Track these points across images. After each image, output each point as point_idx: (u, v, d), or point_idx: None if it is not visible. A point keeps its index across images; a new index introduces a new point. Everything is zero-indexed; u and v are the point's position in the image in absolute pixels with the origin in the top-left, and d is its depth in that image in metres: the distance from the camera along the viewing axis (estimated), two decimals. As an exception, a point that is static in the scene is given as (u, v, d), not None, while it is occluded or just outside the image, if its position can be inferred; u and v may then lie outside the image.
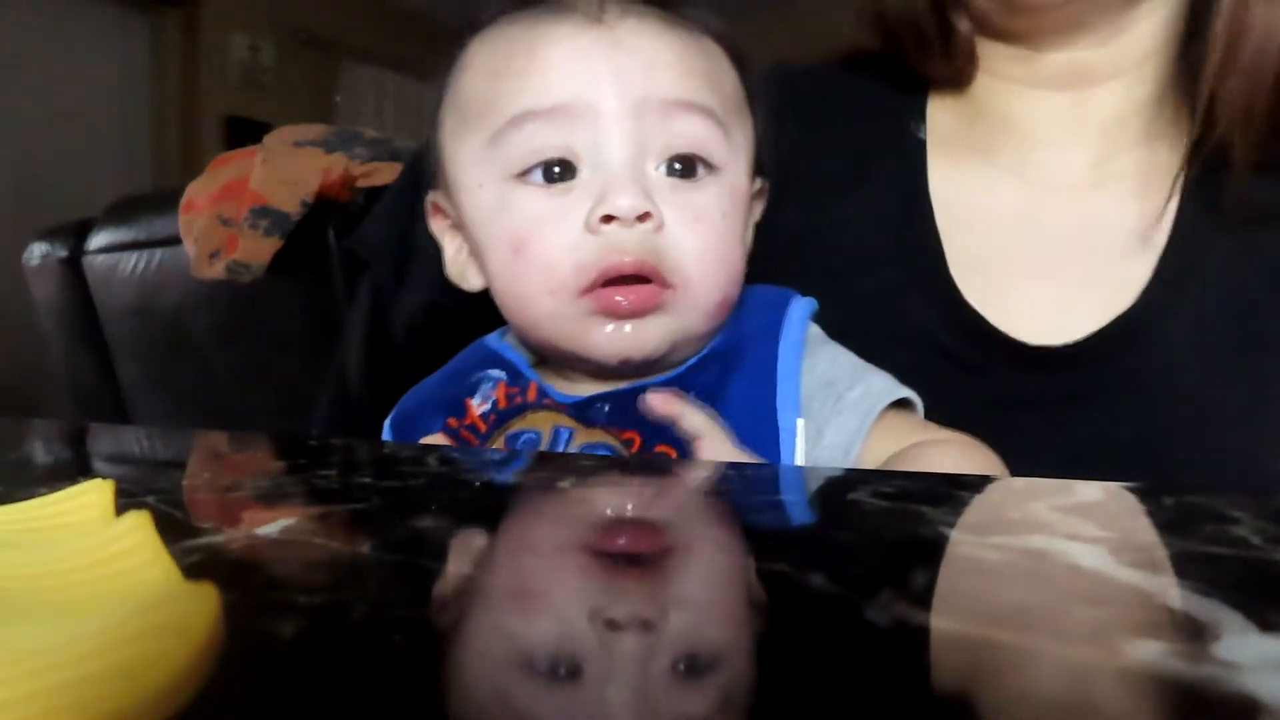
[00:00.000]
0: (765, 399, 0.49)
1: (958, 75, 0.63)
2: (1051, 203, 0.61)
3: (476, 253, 0.54)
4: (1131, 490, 0.34)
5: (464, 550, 0.25)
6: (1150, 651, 0.16)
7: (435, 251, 0.58)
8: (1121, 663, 0.16)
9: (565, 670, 0.16)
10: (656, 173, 0.49)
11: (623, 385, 0.51)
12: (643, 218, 0.47)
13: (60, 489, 0.28)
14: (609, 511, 0.30)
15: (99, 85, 3.93)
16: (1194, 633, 0.18)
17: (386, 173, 1.48)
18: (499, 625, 0.19)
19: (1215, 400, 0.56)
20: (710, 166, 0.50)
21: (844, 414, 0.49)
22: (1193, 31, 0.59)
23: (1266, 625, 0.18)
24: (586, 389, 0.52)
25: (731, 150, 0.51)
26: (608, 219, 0.47)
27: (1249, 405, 0.56)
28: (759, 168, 0.55)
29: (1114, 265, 0.59)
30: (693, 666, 0.17)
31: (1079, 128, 0.62)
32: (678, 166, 0.49)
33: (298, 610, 0.19)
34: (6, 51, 3.57)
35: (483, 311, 0.55)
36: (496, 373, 0.55)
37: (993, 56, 0.63)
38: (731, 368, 0.50)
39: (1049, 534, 0.26)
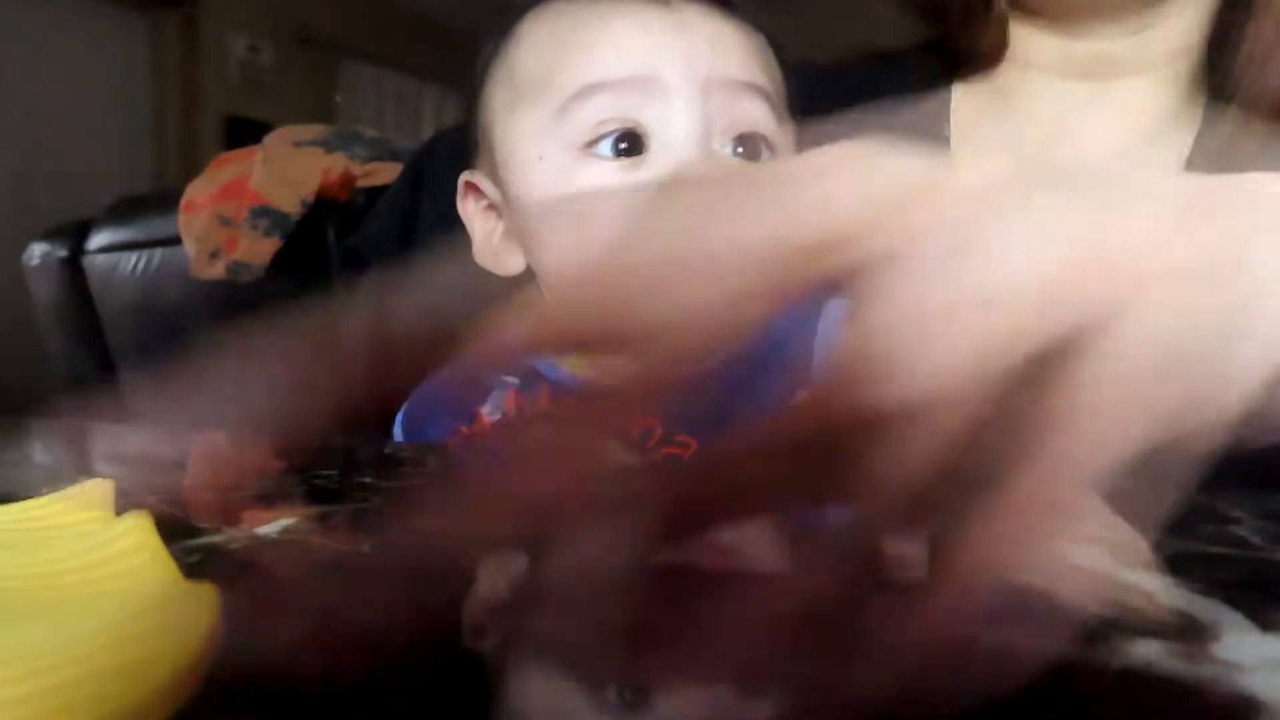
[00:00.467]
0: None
1: (989, 55, 0.64)
2: None
3: (520, 233, 0.53)
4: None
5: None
6: (1150, 651, 0.16)
7: (436, 251, 0.58)
8: (1122, 663, 0.16)
9: (557, 671, 0.16)
10: (722, 151, 0.49)
11: None
12: None
13: (61, 489, 0.28)
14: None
15: (99, 85, 3.93)
16: (1194, 633, 0.18)
17: (386, 173, 1.48)
18: (499, 625, 0.19)
19: None
20: (771, 148, 0.50)
21: None
22: (1224, 34, 0.60)
23: (1267, 625, 0.18)
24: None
25: (785, 135, 0.51)
26: None
27: None
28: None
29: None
30: (690, 666, 0.17)
31: (1104, 121, 0.62)
32: (740, 149, 0.49)
33: (298, 610, 0.19)
34: (6, 51, 3.57)
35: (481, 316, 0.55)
36: (510, 378, 0.54)
37: (1022, 42, 0.63)
38: (767, 368, 0.50)
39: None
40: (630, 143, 0.48)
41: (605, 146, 0.48)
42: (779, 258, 0.19)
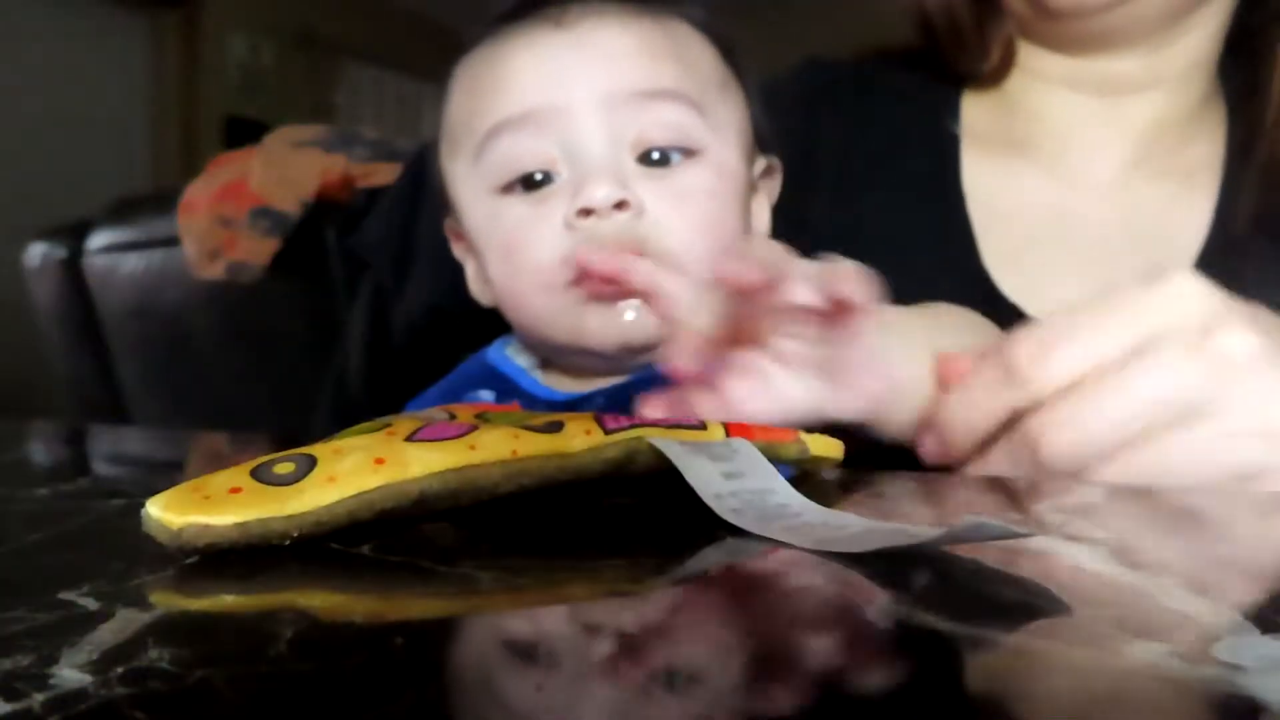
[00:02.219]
0: None
1: (994, 73, 0.64)
2: (1084, 201, 0.61)
3: (483, 268, 0.54)
4: (1132, 492, 0.34)
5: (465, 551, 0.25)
6: (1150, 652, 0.16)
7: (435, 252, 0.58)
8: (1122, 664, 0.16)
9: (553, 668, 0.16)
10: (634, 163, 0.49)
11: (619, 380, 0.51)
12: (620, 206, 0.47)
13: (60, 489, 0.28)
14: (607, 510, 0.30)
15: (99, 85, 3.93)
16: (1194, 634, 0.18)
17: (386, 173, 1.48)
18: (498, 625, 0.19)
19: None
20: (688, 151, 0.49)
21: None
22: (1247, 47, 0.60)
23: (1267, 626, 0.18)
24: (588, 386, 0.51)
25: (712, 130, 0.50)
26: (585, 213, 0.47)
27: None
28: (761, 145, 0.55)
29: (1150, 267, 0.59)
30: (683, 672, 0.17)
31: (1114, 132, 0.62)
32: (654, 155, 0.49)
33: (298, 610, 0.19)
34: (6, 51, 3.57)
35: (483, 312, 0.55)
36: (485, 394, 0.54)
37: (1030, 55, 0.63)
38: None
39: (1050, 535, 0.26)
40: (542, 175, 0.49)
41: (519, 185, 0.49)
42: None
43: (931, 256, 0.61)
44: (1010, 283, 0.60)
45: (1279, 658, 0.16)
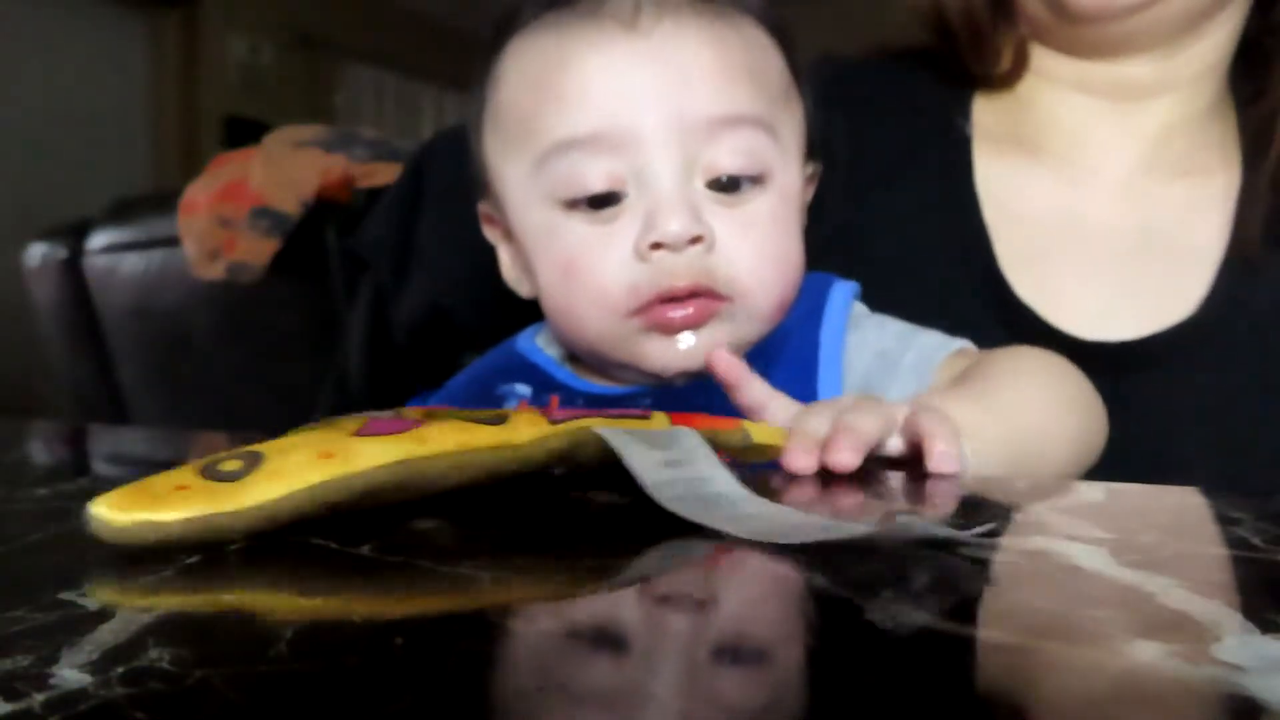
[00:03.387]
0: (806, 387, 0.49)
1: (1007, 75, 0.63)
2: (1097, 204, 0.61)
3: (527, 266, 0.53)
4: (1132, 491, 0.34)
5: (466, 551, 0.25)
6: (1151, 652, 0.16)
7: (435, 252, 0.58)
8: (1122, 663, 0.16)
9: (555, 674, 0.16)
10: (705, 189, 0.48)
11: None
12: (694, 240, 0.46)
13: (60, 489, 0.28)
14: (606, 511, 0.30)
15: (99, 85, 3.93)
16: (1194, 634, 0.18)
17: (386, 173, 1.48)
18: (497, 625, 0.19)
19: (1270, 418, 0.56)
20: (760, 176, 0.49)
21: (902, 378, 0.49)
22: (1257, 51, 0.59)
23: (1267, 626, 0.18)
24: (625, 382, 0.52)
25: (781, 151, 0.50)
26: (657, 245, 0.46)
27: None
28: (809, 150, 0.55)
29: (1165, 271, 0.59)
30: (685, 672, 0.17)
31: (1126, 135, 0.61)
32: (725, 180, 0.48)
33: (298, 610, 0.19)
34: (6, 51, 3.56)
35: (483, 312, 0.55)
36: (521, 388, 0.54)
37: (1043, 58, 0.62)
38: (772, 360, 0.50)
39: (1050, 535, 0.26)
40: (608, 196, 0.48)
41: (583, 202, 0.48)
42: None
43: (946, 258, 0.61)
44: (1024, 285, 0.60)
45: (1279, 658, 0.16)
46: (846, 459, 0.35)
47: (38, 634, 0.17)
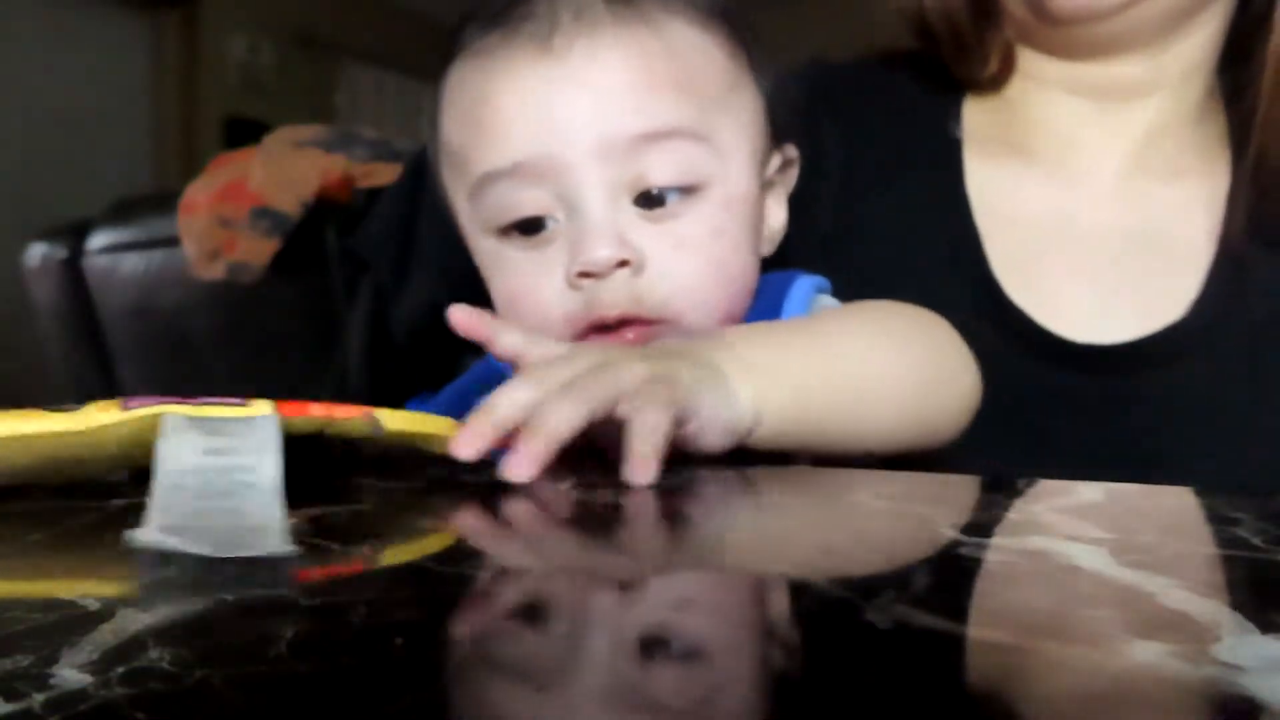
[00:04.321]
0: None
1: (994, 79, 0.63)
2: (1088, 206, 0.61)
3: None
4: (1132, 491, 0.34)
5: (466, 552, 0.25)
6: (1150, 652, 0.16)
7: (435, 252, 0.58)
8: (1121, 664, 0.16)
9: (557, 674, 0.16)
10: (633, 209, 0.47)
11: None
12: (622, 264, 0.46)
13: (60, 489, 0.28)
14: (606, 512, 0.30)
15: (99, 85, 3.92)
16: (1194, 634, 0.18)
17: (386, 173, 1.48)
18: (498, 626, 0.19)
19: (1263, 418, 0.56)
20: (693, 187, 0.48)
21: None
22: (1238, 47, 0.59)
23: (1267, 626, 0.18)
24: None
25: (719, 158, 0.48)
26: (585, 274, 0.46)
27: None
28: (777, 136, 0.53)
29: (1157, 272, 0.59)
30: (684, 672, 0.17)
31: (1115, 136, 0.62)
32: (654, 195, 0.47)
33: (298, 610, 0.19)
34: (7, 51, 3.56)
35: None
36: None
37: (1030, 60, 0.62)
38: None
39: (1049, 535, 0.26)
40: (538, 222, 0.48)
41: (514, 231, 0.48)
42: None
43: (938, 262, 0.61)
44: (1016, 288, 0.60)
45: (1279, 658, 0.16)
46: (517, 472, 0.31)
47: (38, 634, 0.17)
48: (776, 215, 0.55)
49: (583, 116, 0.46)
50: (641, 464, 0.32)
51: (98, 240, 1.86)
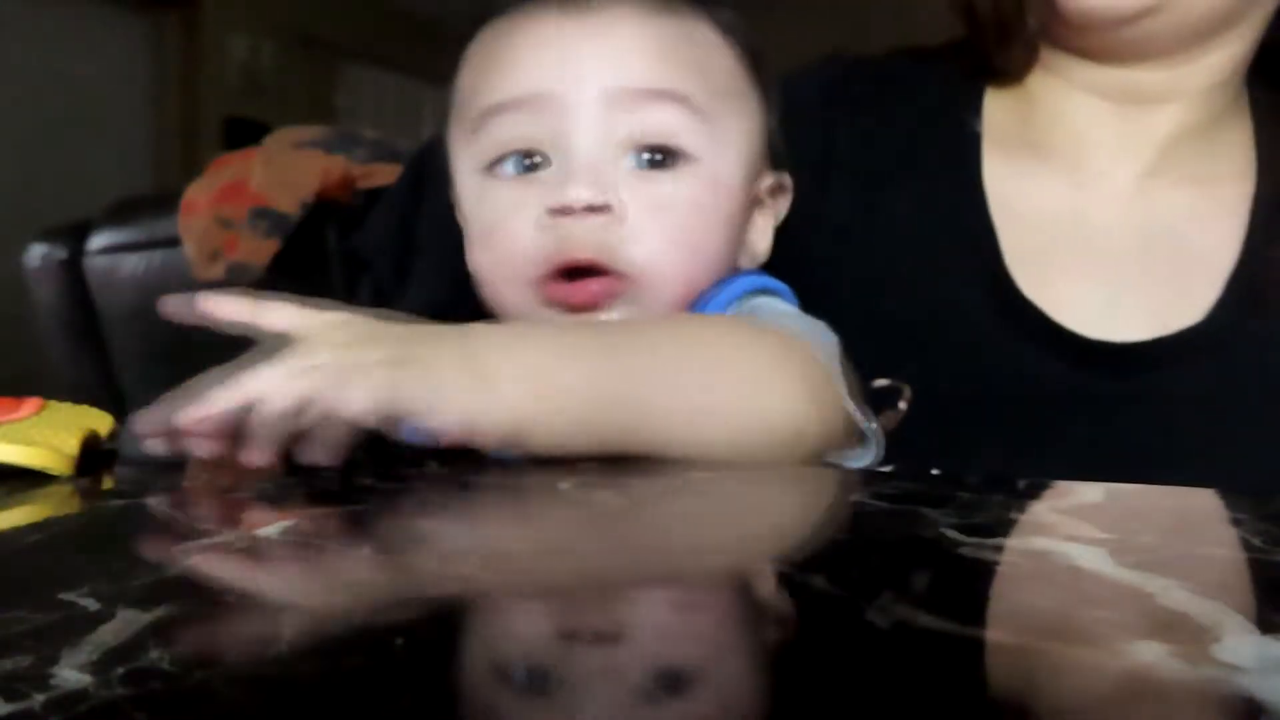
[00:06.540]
0: None
1: (1019, 69, 0.63)
2: (1103, 206, 0.61)
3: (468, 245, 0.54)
4: (1132, 492, 0.34)
5: (466, 551, 0.25)
6: (1151, 653, 0.16)
7: (436, 252, 0.58)
8: (1122, 664, 0.16)
9: (557, 674, 0.16)
10: (626, 162, 0.48)
11: None
12: (599, 210, 0.46)
13: (60, 489, 0.28)
14: (605, 512, 0.30)
15: (99, 85, 3.92)
16: (1195, 634, 0.18)
17: (386, 173, 1.48)
18: (497, 626, 0.19)
19: (1271, 425, 0.56)
20: (684, 156, 0.48)
21: None
22: (1267, 61, 0.59)
23: (1267, 627, 0.18)
24: None
25: (713, 140, 0.49)
26: (562, 211, 0.46)
27: None
28: (774, 161, 0.54)
29: (1171, 276, 0.59)
30: (685, 673, 0.17)
31: (1132, 140, 0.61)
32: (648, 156, 0.48)
33: (298, 610, 0.19)
34: (7, 52, 3.56)
35: (483, 312, 0.55)
36: None
37: (1054, 57, 0.62)
38: None
39: (1050, 536, 0.26)
40: (532, 159, 0.48)
41: (507, 166, 0.49)
42: None
43: (953, 255, 0.61)
44: (1029, 283, 0.60)
45: (1279, 658, 0.16)
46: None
47: (38, 634, 0.17)
48: (762, 235, 0.55)
49: (593, 62, 0.48)
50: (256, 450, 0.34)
51: (98, 241, 1.86)
